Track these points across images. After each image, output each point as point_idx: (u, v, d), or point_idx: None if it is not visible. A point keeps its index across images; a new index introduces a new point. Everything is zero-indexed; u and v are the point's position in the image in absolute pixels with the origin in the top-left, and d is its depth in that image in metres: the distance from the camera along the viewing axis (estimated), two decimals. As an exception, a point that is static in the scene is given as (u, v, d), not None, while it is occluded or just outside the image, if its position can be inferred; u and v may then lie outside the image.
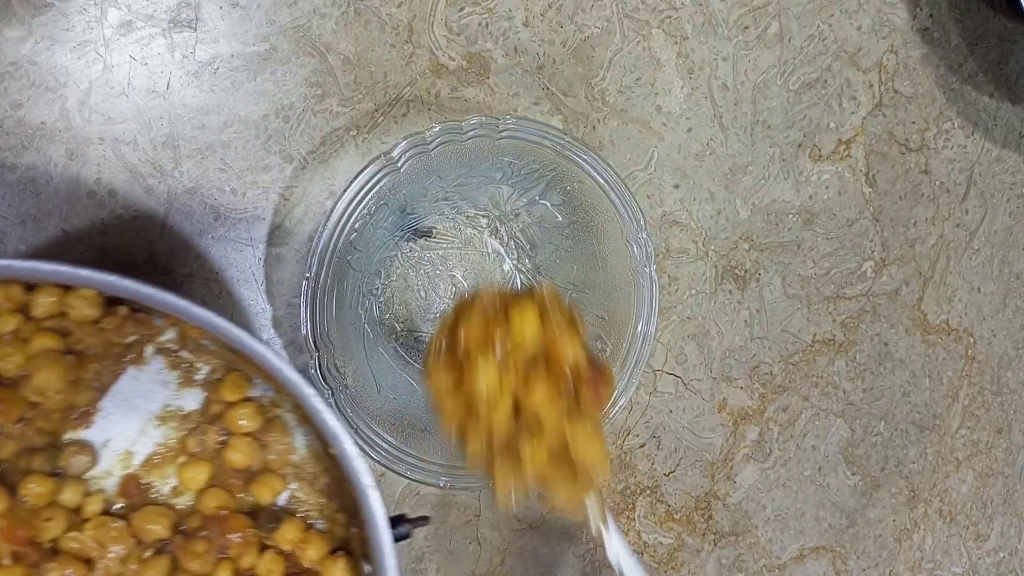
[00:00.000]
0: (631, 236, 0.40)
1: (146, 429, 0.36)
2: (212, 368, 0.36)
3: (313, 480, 0.37)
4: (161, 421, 0.36)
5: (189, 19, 0.41)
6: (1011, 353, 0.56)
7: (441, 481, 0.38)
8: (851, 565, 0.52)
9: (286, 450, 0.37)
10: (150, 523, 0.35)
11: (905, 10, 0.51)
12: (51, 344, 0.33)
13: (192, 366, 0.36)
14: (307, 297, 0.36)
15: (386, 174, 0.36)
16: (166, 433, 0.36)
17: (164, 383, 0.36)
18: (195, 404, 0.37)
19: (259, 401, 0.36)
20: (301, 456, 0.37)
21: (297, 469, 0.37)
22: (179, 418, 0.36)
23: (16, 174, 0.39)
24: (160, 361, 0.36)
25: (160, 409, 0.36)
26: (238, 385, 0.36)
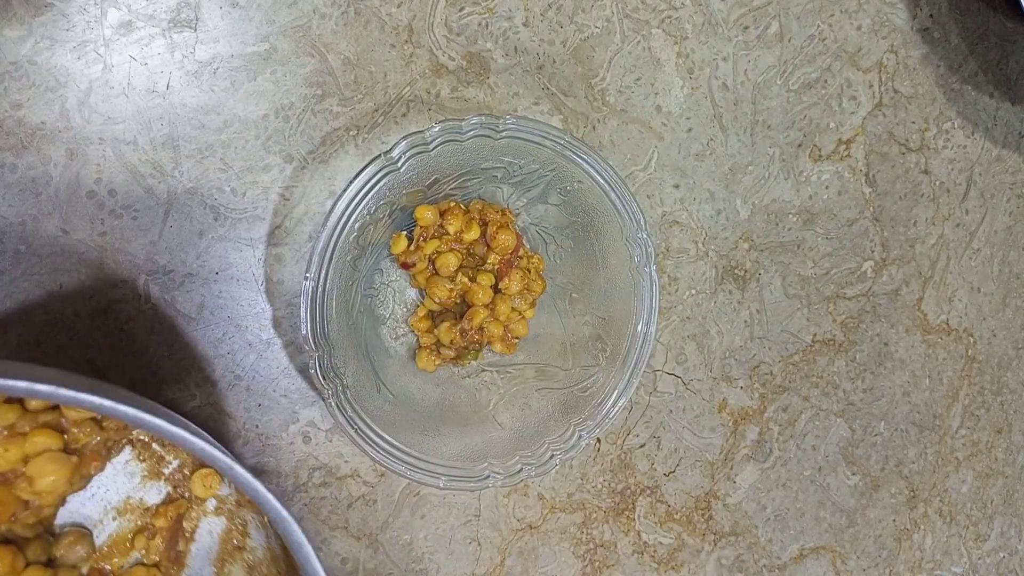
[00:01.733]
0: (631, 236, 0.40)
1: (103, 520, 0.35)
2: (181, 462, 0.36)
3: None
4: (118, 513, 0.35)
5: (189, 19, 0.40)
6: (1011, 353, 0.56)
7: (441, 481, 0.38)
8: (851, 565, 0.52)
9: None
10: None
11: (905, 10, 0.51)
12: (52, 443, 0.32)
13: (162, 460, 0.36)
14: (307, 297, 0.36)
15: (386, 174, 0.36)
16: (122, 525, 0.35)
17: (130, 475, 0.36)
18: (157, 497, 0.36)
19: (225, 499, 0.36)
20: (256, 558, 0.36)
21: (251, 569, 0.36)
22: (140, 510, 0.36)
23: (16, 174, 0.39)
24: (128, 452, 0.36)
25: (121, 501, 0.36)
26: (209, 482, 0.35)
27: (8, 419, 0.31)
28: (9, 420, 0.31)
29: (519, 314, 0.43)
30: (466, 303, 0.42)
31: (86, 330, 0.40)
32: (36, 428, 0.32)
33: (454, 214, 0.41)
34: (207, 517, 0.37)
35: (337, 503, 0.43)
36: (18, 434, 0.31)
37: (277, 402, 0.42)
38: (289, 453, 0.42)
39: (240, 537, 0.36)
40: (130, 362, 0.40)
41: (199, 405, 0.41)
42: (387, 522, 0.44)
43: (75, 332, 0.40)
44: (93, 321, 0.40)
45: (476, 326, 0.42)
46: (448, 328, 0.42)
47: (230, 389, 0.42)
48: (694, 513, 0.49)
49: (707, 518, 0.49)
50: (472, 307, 0.42)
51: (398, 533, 0.44)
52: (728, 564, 0.50)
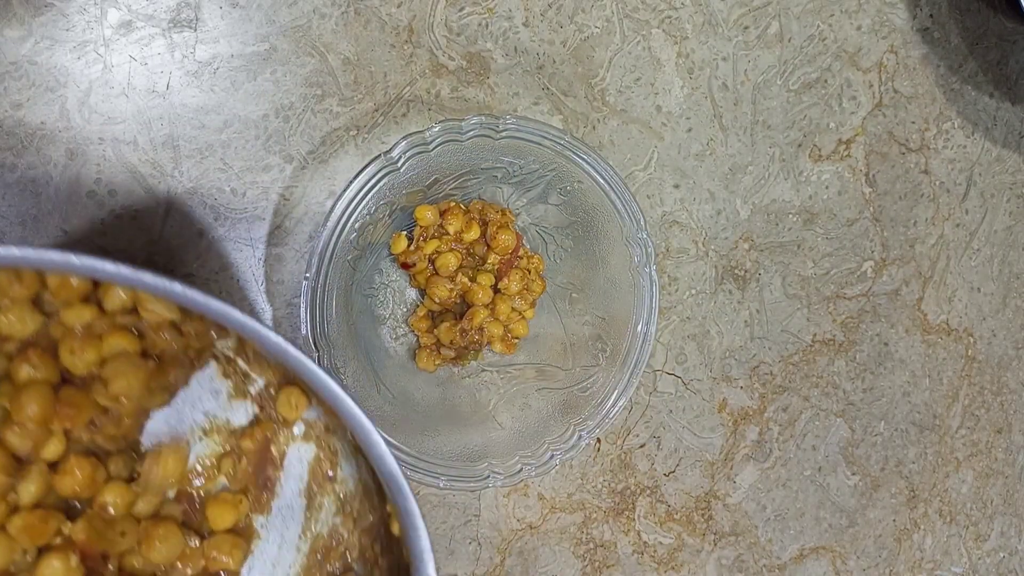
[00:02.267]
0: (631, 236, 0.40)
1: (189, 440, 0.33)
2: (267, 381, 0.33)
3: (358, 518, 0.34)
4: (204, 433, 0.33)
5: (189, 19, 0.41)
6: (1011, 353, 0.56)
7: (441, 481, 0.38)
8: (851, 565, 0.52)
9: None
10: (224, 553, 0.32)
11: (905, 10, 0.51)
12: (129, 345, 0.30)
13: (248, 377, 0.33)
14: (307, 297, 0.36)
15: (386, 174, 0.36)
16: (208, 446, 0.33)
17: (215, 392, 0.33)
18: (244, 418, 0.34)
19: (314, 424, 0.34)
20: (348, 490, 0.34)
21: (342, 503, 0.34)
22: (226, 432, 0.34)
23: (16, 174, 0.39)
24: (213, 368, 0.33)
25: (207, 421, 0.33)
26: (296, 401, 0.33)
27: (84, 318, 0.29)
28: (85, 319, 0.29)
29: (519, 314, 0.43)
30: (466, 303, 0.42)
31: (86, 330, 0.40)
32: (113, 329, 0.29)
33: (454, 214, 0.41)
34: (296, 443, 0.34)
35: (337, 503, 0.43)
36: (95, 335, 0.29)
37: (277, 402, 0.42)
38: (289, 453, 0.42)
39: (331, 467, 0.34)
40: (130, 362, 0.40)
41: (199, 405, 0.41)
42: (387, 522, 0.44)
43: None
44: (93, 321, 0.40)
45: (476, 326, 0.42)
46: (448, 328, 0.42)
47: (230, 389, 0.42)
48: (694, 513, 0.49)
49: (707, 518, 0.49)
50: (472, 307, 0.42)
51: (398, 533, 0.44)
52: (728, 564, 0.50)
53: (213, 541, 0.33)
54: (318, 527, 0.34)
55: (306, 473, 0.34)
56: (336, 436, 0.34)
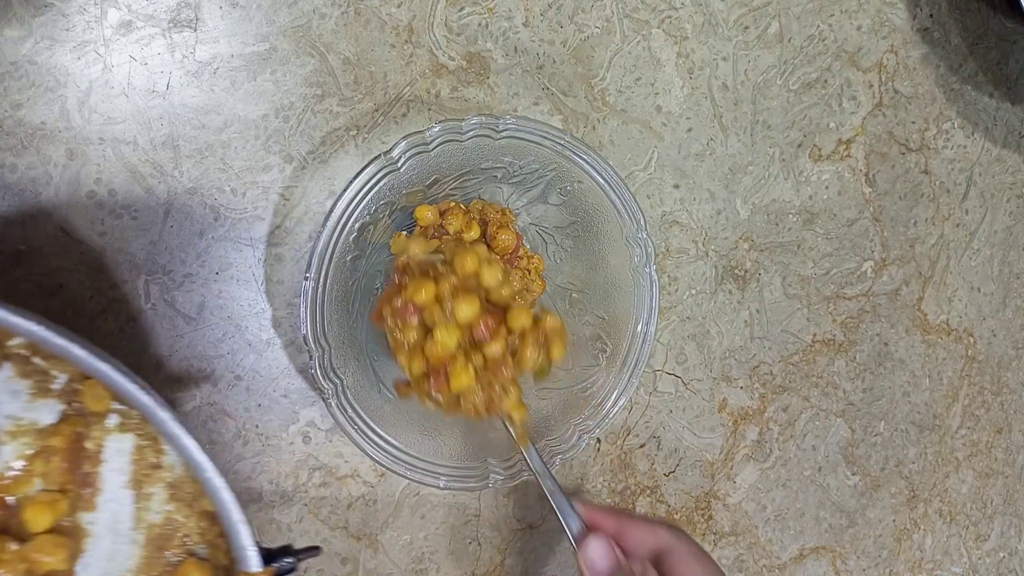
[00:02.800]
0: (631, 236, 0.40)
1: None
2: (70, 376, 0.32)
3: (192, 501, 0.33)
4: (10, 436, 0.32)
5: (189, 19, 0.41)
6: (1011, 353, 0.56)
7: (441, 481, 0.38)
8: (851, 565, 0.52)
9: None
10: (46, 554, 0.31)
11: (905, 10, 0.51)
12: None
13: (47, 375, 0.33)
14: (307, 297, 0.36)
15: (386, 174, 0.36)
16: (16, 449, 0.32)
17: (14, 393, 0.32)
18: (52, 417, 0.33)
19: (127, 413, 0.33)
20: (176, 475, 0.33)
21: (174, 489, 0.33)
22: (33, 432, 0.33)
23: (16, 174, 0.39)
24: (8, 369, 0.32)
25: (10, 424, 0.32)
26: (101, 393, 0.32)
27: None
28: None
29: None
30: None
31: (86, 330, 0.40)
32: None
33: (454, 214, 0.41)
34: (112, 434, 0.34)
35: (337, 503, 0.43)
36: None
37: (277, 402, 0.42)
38: (289, 453, 0.42)
39: (155, 454, 0.33)
40: (130, 362, 0.40)
41: (199, 405, 0.41)
42: (387, 522, 0.44)
43: (75, 332, 0.40)
44: (93, 321, 0.40)
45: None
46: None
47: (230, 389, 0.42)
48: (694, 513, 0.49)
49: (707, 518, 0.49)
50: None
51: (398, 533, 0.44)
52: (728, 564, 0.50)
53: (34, 543, 0.32)
54: (151, 516, 0.34)
55: (128, 464, 0.34)
56: (154, 423, 0.33)
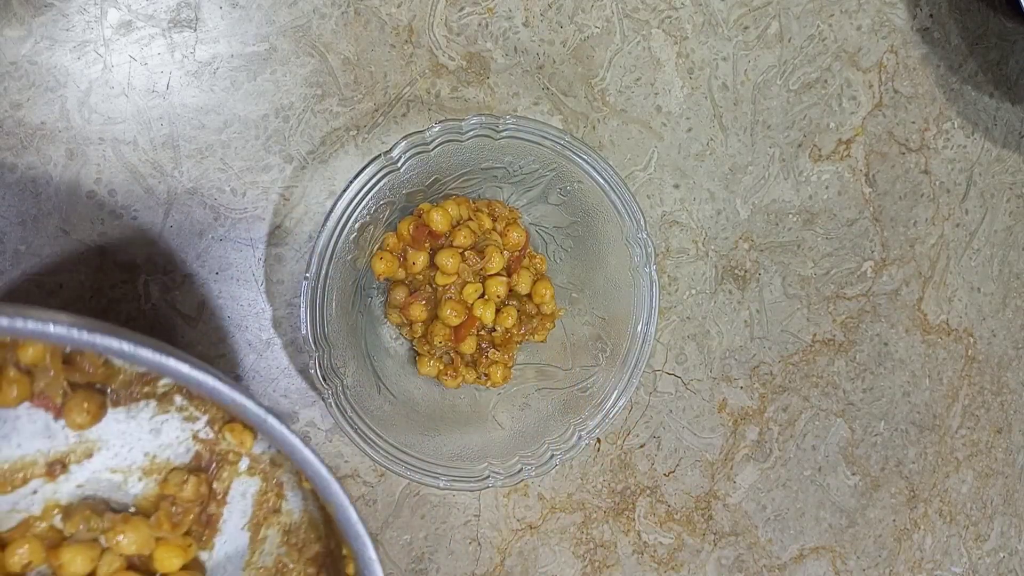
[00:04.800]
0: (631, 236, 0.40)
1: (127, 480, 0.33)
2: (210, 418, 0.33)
3: (303, 547, 0.34)
4: (144, 473, 0.33)
5: (189, 19, 0.41)
6: (1011, 353, 0.56)
7: (441, 481, 0.38)
8: (851, 565, 0.52)
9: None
10: None
11: (905, 10, 0.51)
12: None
13: (189, 414, 0.33)
14: (307, 297, 0.36)
15: (386, 174, 0.36)
16: (148, 486, 0.33)
17: (154, 431, 0.33)
18: (186, 456, 0.34)
19: (259, 458, 0.34)
20: (293, 520, 0.34)
21: (287, 534, 0.34)
22: (166, 471, 0.33)
23: (16, 174, 0.39)
24: (153, 407, 0.33)
25: (146, 461, 0.33)
26: (241, 438, 0.33)
27: None
28: None
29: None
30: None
31: (86, 330, 0.40)
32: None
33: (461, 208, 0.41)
34: (239, 477, 0.34)
35: (337, 503, 0.43)
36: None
37: (277, 402, 0.42)
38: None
39: (275, 499, 0.34)
40: (130, 362, 0.40)
41: (199, 405, 0.41)
42: (387, 522, 0.44)
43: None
44: (93, 321, 0.40)
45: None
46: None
47: (230, 389, 0.42)
48: (694, 513, 0.49)
49: (707, 518, 0.49)
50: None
51: (398, 533, 0.44)
52: (728, 564, 0.50)
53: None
54: (263, 559, 0.35)
55: (250, 507, 0.35)
56: (282, 469, 0.34)
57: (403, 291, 0.41)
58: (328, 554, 0.33)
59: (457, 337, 0.40)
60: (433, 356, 0.42)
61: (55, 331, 0.26)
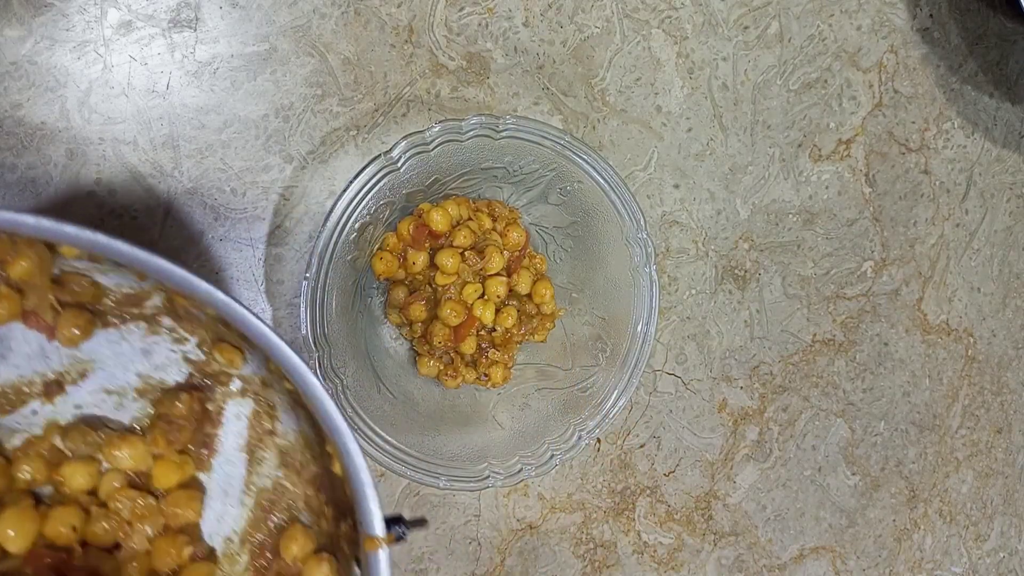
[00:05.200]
0: (631, 236, 0.40)
1: (123, 401, 0.34)
2: (200, 339, 0.34)
3: (301, 469, 0.34)
4: (138, 394, 0.34)
5: (189, 19, 0.41)
6: (1011, 353, 0.56)
7: (441, 481, 0.38)
8: (851, 565, 0.52)
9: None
10: (182, 507, 0.33)
11: (905, 10, 0.51)
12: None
13: (179, 335, 0.34)
14: (307, 297, 0.36)
15: (386, 174, 0.36)
16: (144, 407, 0.34)
17: (145, 352, 0.34)
18: (179, 377, 0.34)
19: (250, 379, 0.34)
20: (289, 442, 0.34)
21: (284, 456, 0.34)
22: (160, 391, 0.34)
23: (16, 174, 0.39)
24: (141, 328, 0.33)
25: (139, 381, 0.34)
26: (230, 357, 0.33)
27: None
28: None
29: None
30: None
31: (86, 330, 0.40)
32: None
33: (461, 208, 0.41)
34: (233, 399, 0.35)
35: (337, 503, 0.43)
36: None
37: (277, 402, 0.42)
38: (289, 453, 0.42)
39: (269, 421, 0.34)
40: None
41: (199, 405, 0.41)
42: (387, 522, 0.44)
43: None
44: (93, 321, 0.40)
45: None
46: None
47: (230, 389, 0.42)
48: (694, 513, 0.49)
49: (707, 518, 0.49)
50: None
51: (398, 533, 0.44)
52: (728, 564, 0.50)
53: (170, 498, 0.34)
54: (261, 481, 0.35)
55: (245, 429, 0.35)
56: (274, 390, 0.34)
57: (403, 291, 0.41)
58: (326, 474, 0.33)
59: (457, 337, 0.40)
60: (433, 356, 0.42)
61: (29, 221, 0.26)
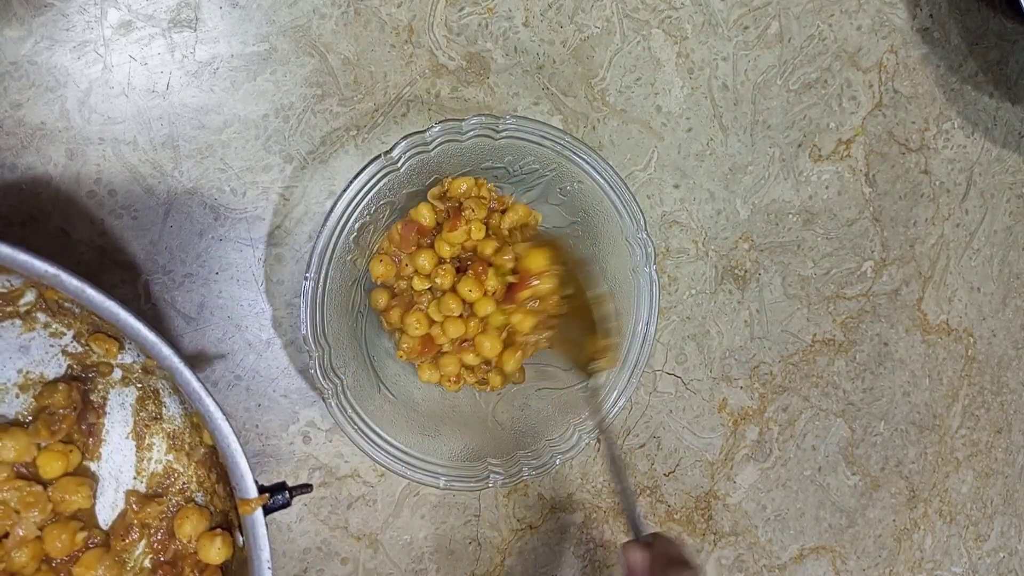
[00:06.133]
0: (631, 236, 0.40)
1: (5, 398, 0.35)
2: (76, 332, 0.35)
3: (190, 451, 0.35)
4: (20, 390, 0.35)
5: (189, 19, 0.40)
6: (1011, 353, 0.56)
7: (441, 481, 0.38)
8: (851, 565, 0.52)
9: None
10: (70, 493, 0.34)
11: (905, 10, 0.51)
12: None
13: (54, 330, 0.35)
14: (307, 297, 0.36)
15: (386, 174, 0.36)
16: (26, 401, 0.35)
17: (23, 348, 0.35)
18: (58, 370, 0.35)
19: (130, 368, 0.35)
20: (176, 426, 0.35)
21: (173, 439, 0.36)
22: (40, 385, 0.35)
23: (16, 174, 0.39)
24: (17, 325, 0.34)
25: (20, 377, 0.35)
26: (107, 347, 0.34)
27: None
28: None
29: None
30: None
31: (86, 330, 0.40)
32: None
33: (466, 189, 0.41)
34: (115, 388, 0.36)
35: (337, 503, 0.43)
36: None
37: (277, 402, 0.42)
38: (289, 453, 0.42)
39: (155, 407, 0.36)
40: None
41: (199, 405, 0.41)
42: (387, 522, 0.44)
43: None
44: (93, 321, 0.40)
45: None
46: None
47: (230, 389, 0.42)
48: (694, 513, 0.49)
49: (707, 518, 0.49)
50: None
51: (398, 533, 0.44)
52: (728, 564, 0.50)
53: (58, 485, 0.35)
54: (152, 466, 0.36)
55: (130, 416, 0.36)
56: (155, 376, 0.35)
57: (385, 295, 0.41)
58: (214, 454, 0.34)
59: (423, 349, 0.40)
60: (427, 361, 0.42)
61: None
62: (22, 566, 0.33)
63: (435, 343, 0.40)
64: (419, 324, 0.39)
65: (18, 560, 0.33)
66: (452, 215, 0.39)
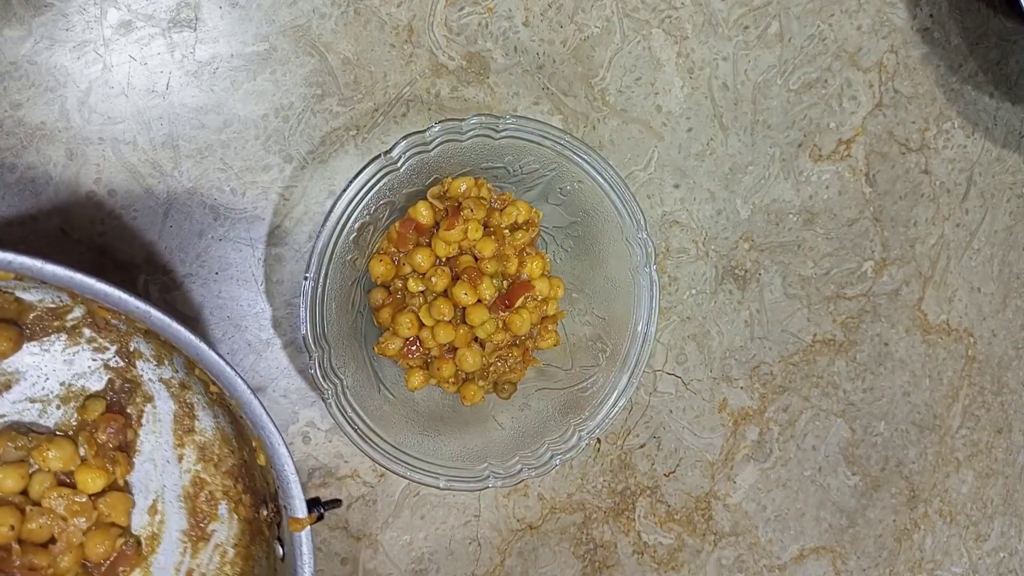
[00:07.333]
0: (631, 236, 0.40)
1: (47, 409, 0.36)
2: (119, 347, 0.36)
3: (219, 462, 0.37)
4: (61, 402, 0.36)
5: (189, 19, 0.40)
6: (1011, 353, 0.56)
7: (441, 482, 0.38)
8: (851, 565, 0.52)
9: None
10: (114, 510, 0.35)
11: (905, 10, 0.51)
12: None
13: (98, 345, 0.36)
14: (307, 297, 0.36)
15: (386, 174, 0.36)
16: (66, 413, 0.36)
17: (67, 362, 0.36)
18: (99, 384, 0.36)
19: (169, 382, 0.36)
20: (207, 438, 0.37)
21: (203, 451, 0.37)
22: (82, 398, 0.36)
23: (16, 174, 0.39)
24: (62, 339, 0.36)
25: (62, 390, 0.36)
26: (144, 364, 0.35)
27: None
28: None
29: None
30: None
31: (86, 330, 0.40)
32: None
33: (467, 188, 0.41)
34: (152, 401, 0.37)
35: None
36: None
37: (277, 402, 0.42)
38: (289, 453, 0.42)
39: (189, 420, 0.37)
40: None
41: (199, 405, 0.41)
42: (387, 522, 0.44)
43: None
44: (93, 321, 0.40)
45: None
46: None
47: (230, 389, 0.42)
48: (694, 513, 0.49)
49: (707, 518, 0.49)
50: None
51: (398, 533, 0.44)
52: (728, 564, 0.50)
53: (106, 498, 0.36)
54: (182, 476, 0.38)
55: (166, 428, 0.37)
56: (191, 391, 0.36)
57: (381, 294, 0.41)
58: (243, 465, 0.36)
59: (403, 351, 0.40)
60: (416, 366, 0.41)
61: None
62: (65, 570, 0.35)
63: (422, 347, 0.40)
64: (409, 325, 0.39)
65: (62, 565, 0.35)
66: (450, 214, 0.39)
